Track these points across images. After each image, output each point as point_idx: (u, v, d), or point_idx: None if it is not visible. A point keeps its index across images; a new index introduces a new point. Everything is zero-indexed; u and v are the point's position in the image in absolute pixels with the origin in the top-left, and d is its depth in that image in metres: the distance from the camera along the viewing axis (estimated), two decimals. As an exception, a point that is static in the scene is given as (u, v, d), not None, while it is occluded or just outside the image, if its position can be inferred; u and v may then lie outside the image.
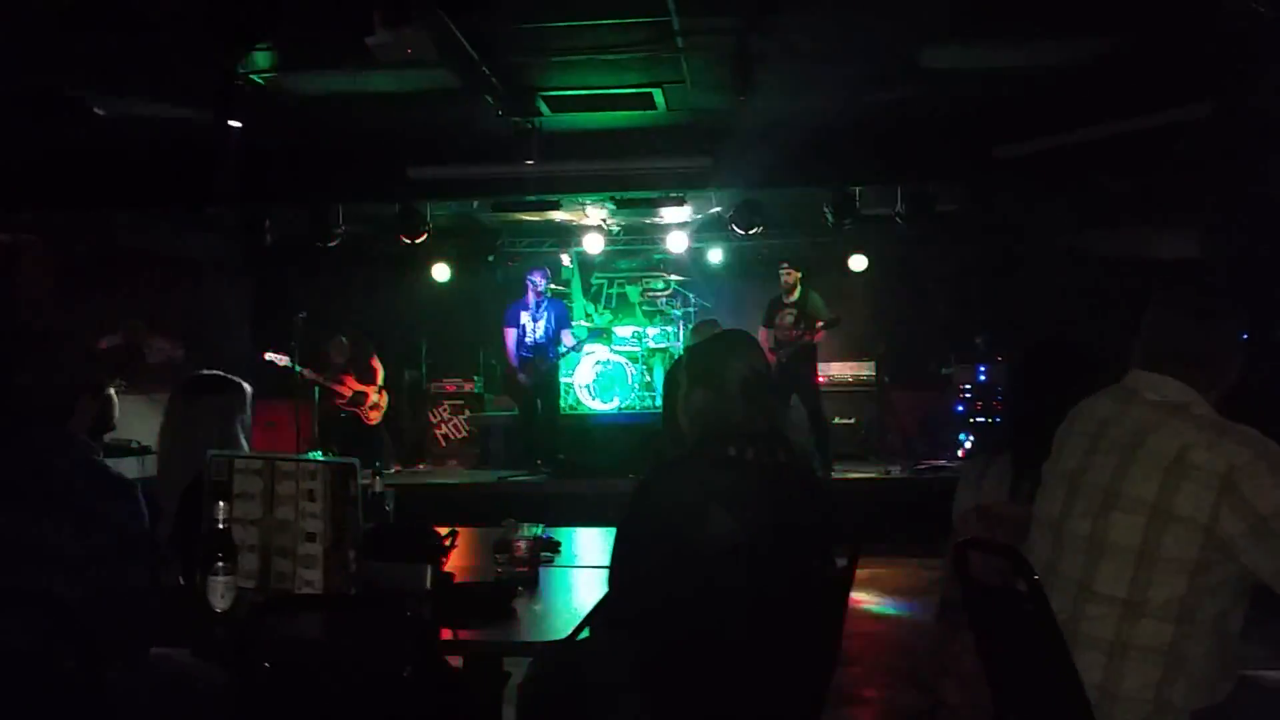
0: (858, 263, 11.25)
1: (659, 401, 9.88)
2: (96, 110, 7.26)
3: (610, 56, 6.67)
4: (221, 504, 2.72)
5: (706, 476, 2.65)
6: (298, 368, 9.36)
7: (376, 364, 9.99)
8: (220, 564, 2.63)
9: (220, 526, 2.69)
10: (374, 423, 9.90)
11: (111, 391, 3.18)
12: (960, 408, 10.35)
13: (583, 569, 3.51)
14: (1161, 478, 2.31)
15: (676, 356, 2.74)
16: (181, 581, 3.03)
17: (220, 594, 2.63)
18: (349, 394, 9.69)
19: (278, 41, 5.87)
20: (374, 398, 9.83)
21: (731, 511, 2.58)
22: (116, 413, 3.26)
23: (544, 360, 9.52)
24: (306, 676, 2.30)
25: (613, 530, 2.76)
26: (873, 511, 8.37)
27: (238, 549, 2.74)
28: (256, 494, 2.89)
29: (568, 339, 9.75)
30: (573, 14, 5.99)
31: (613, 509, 2.86)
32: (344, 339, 9.92)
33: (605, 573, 2.72)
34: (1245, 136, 7.22)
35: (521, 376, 9.50)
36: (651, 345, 11.04)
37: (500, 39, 6.28)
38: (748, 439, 2.70)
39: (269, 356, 9.29)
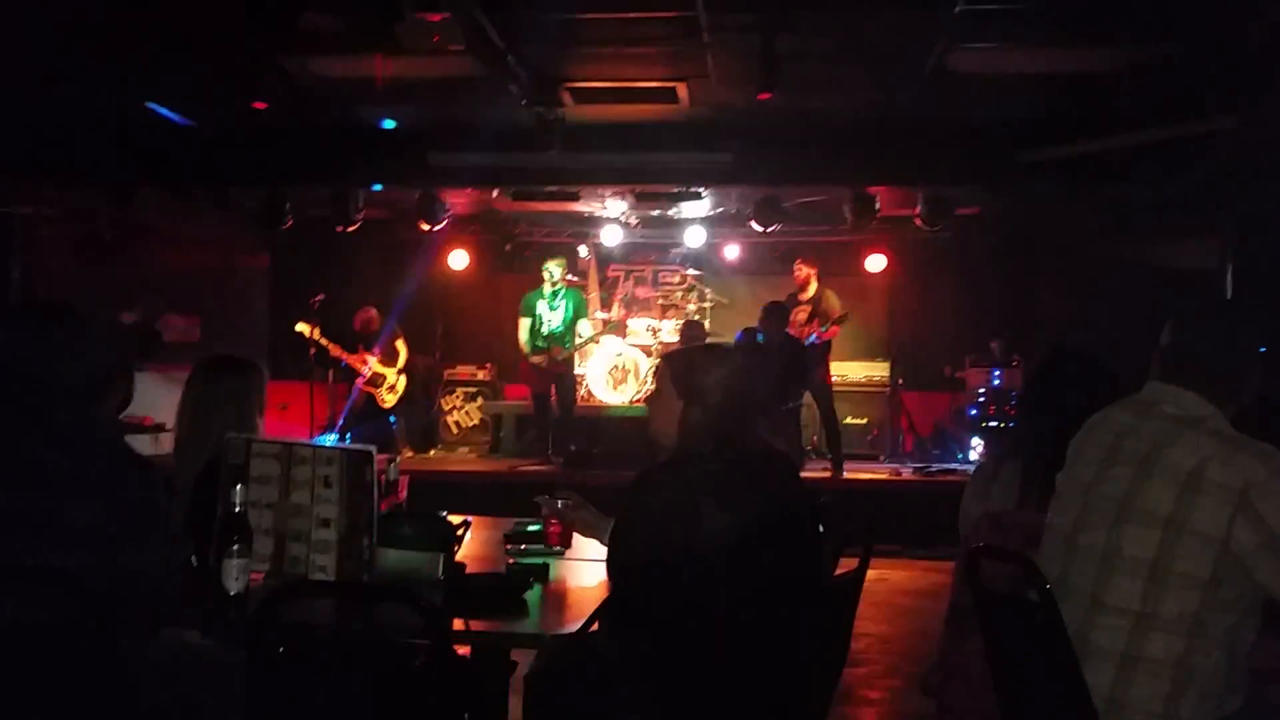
0: (875, 263, 11.23)
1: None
2: (121, 87, 7.29)
3: (635, 50, 6.67)
4: (239, 487, 2.73)
5: (695, 477, 2.69)
6: (322, 342, 9.38)
7: (401, 346, 10.01)
8: (235, 546, 2.65)
9: (236, 509, 2.71)
10: (388, 405, 9.93)
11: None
12: (973, 411, 10.33)
13: (594, 562, 3.52)
14: (1177, 492, 2.31)
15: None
16: (194, 562, 3.05)
17: (234, 576, 2.64)
18: (369, 374, 9.69)
19: (306, 25, 5.88)
20: (392, 379, 9.85)
21: (723, 509, 2.62)
22: (133, 391, 3.27)
23: (559, 350, 9.54)
24: (318, 662, 2.32)
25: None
26: (882, 513, 8.37)
27: (253, 532, 2.76)
28: (273, 478, 2.91)
29: (585, 330, 9.78)
30: (599, 6, 5.99)
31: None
32: (375, 311, 9.91)
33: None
34: (1270, 150, 7.18)
35: (536, 360, 9.53)
36: (666, 339, 11.03)
37: (527, 29, 6.28)
38: (731, 441, 2.75)
39: (300, 327, 9.33)
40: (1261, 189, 7.64)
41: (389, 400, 9.89)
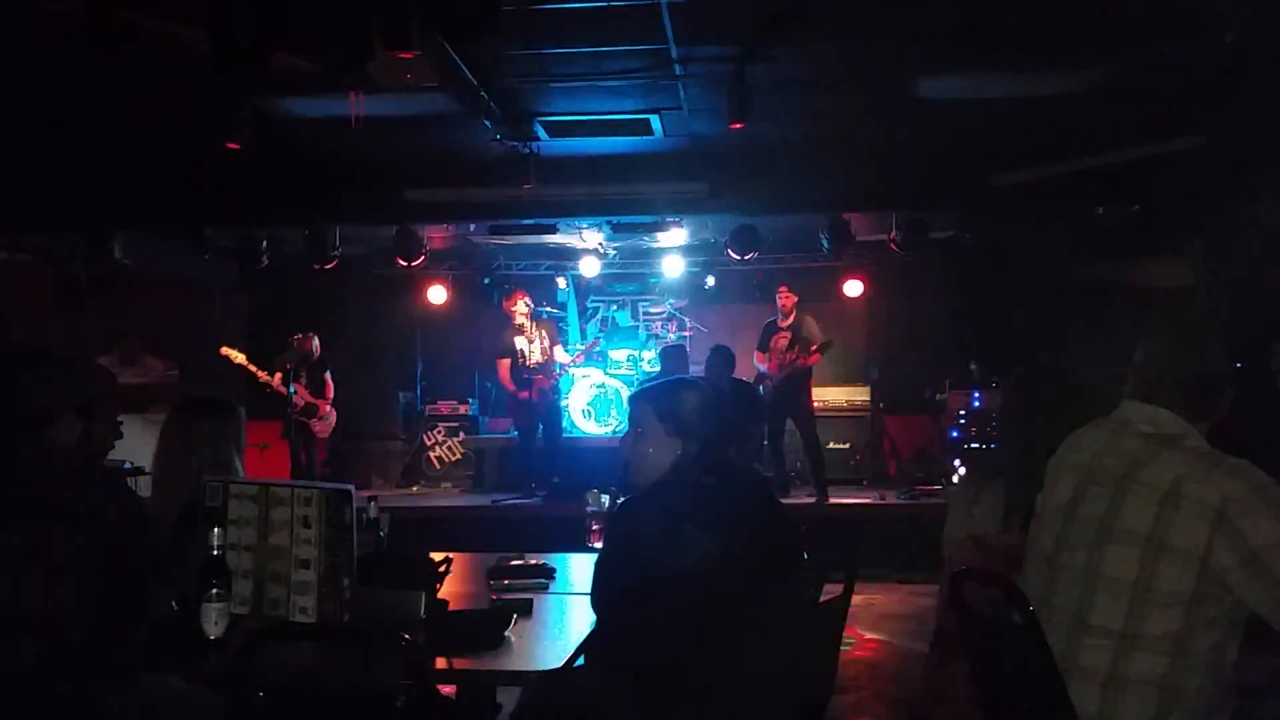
0: (853, 288, 11.30)
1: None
2: (96, 130, 7.28)
3: (608, 83, 6.71)
4: (217, 530, 2.72)
5: (676, 503, 2.70)
6: (249, 368, 9.26)
7: (329, 379, 9.85)
8: (214, 590, 2.63)
9: (215, 552, 2.69)
10: (322, 436, 9.77)
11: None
12: (955, 433, 10.36)
13: (578, 595, 3.50)
14: (1156, 510, 2.32)
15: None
16: (175, 606, 3.02)
17: (214, 620, 2.62)
18: (301, 404, 9.54)
19: (279, 65, 5.89)
20: (325, 410, 9.71)
21: (705, 534, 2.62)
22: (109, 444, 3.14)
23: (547, 378, 9.52)
24: (299, 705, 2.30)
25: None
26: (867, 537, 8.37)
27: (232, 575, 2.74)
28: (251, 519, 2.89)
29: (562, 356, 9.79)
30: (572, 41, 6.02)
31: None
32: (316, 340, 9.82)
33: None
34: (1238, 166, 7.26)
35: (525, 394, 9.47)
36: (647, 369, 11.04)
37: (499, 65, 6.31)
38: (708, 466, 2.78)
39: (225, 351, 9.24)
40: (1231, 207, 7.72)
41: (322, 431, 9.71)
